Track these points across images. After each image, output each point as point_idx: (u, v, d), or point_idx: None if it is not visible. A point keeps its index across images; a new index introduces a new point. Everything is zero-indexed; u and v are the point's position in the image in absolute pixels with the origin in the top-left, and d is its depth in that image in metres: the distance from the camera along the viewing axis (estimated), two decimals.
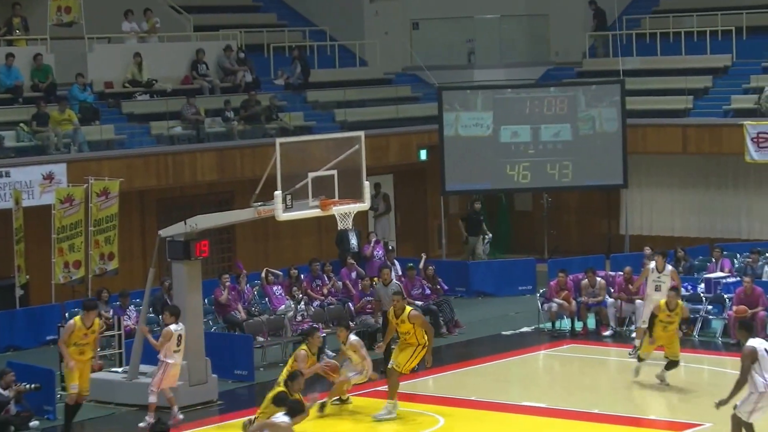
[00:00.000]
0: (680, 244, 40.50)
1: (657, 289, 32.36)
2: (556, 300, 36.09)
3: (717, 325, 35.25)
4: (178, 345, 27.08)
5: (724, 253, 38.05)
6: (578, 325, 35.84)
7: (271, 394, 24.28)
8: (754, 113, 42.99)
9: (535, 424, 27.76)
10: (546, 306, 36.47)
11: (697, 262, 38.60)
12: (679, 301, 30.26)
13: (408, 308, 28.64)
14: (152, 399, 26.72)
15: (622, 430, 27.16)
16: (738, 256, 38.73)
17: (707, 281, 36.04)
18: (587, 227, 45.32)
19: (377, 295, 34.05)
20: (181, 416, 27.07)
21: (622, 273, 36.43)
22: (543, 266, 40.58)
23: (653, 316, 29.85)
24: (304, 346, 28.00)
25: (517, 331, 36.19)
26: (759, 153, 41.70)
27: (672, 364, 29.84)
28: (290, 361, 27.55)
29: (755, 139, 41.77)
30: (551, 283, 36.90)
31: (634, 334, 32.82)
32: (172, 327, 27.14)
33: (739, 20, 46.86)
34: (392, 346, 28.82)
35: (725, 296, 35.03)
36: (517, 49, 49.36)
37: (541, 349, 34.81)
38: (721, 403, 22.45)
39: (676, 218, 44.56)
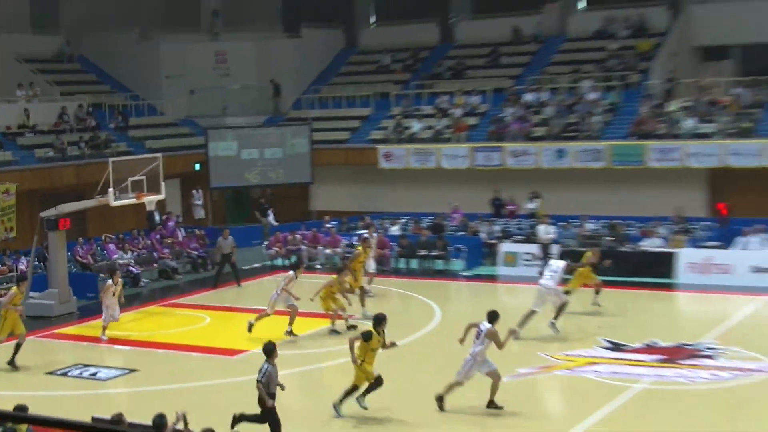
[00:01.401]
0: (345, 216, 40.80)
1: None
2: (274, 248, 36.92)
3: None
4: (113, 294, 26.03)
5: (370, 220, 38.55)
6: (286, 262, 36.20)
7: None
8: (383, 141, 43.29)
9: (266, 320, 26.46)
10: (268, 251, 37.20)
11: (354, 225, 39.22)
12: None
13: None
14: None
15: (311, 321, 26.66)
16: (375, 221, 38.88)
17: (360, 236, 36.99)
18: (293, 206, 44.90)
19: (218, 245, 33.34)
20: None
21: (309, 232, 37.15)
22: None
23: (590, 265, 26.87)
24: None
25: (251, 266, 36.33)
26: (387, 163, 42.30)
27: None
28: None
29: (384, 156, 42.53)
30: (271, 238, 37.65)
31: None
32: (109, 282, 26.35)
33: (376, 87, 47.22)
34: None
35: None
36: (252, 104, 48.64)
37: (266, 276, 34.69)
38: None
39: (344, 200, 44.37)
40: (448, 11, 50.83)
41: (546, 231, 33.23)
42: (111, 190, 28.81)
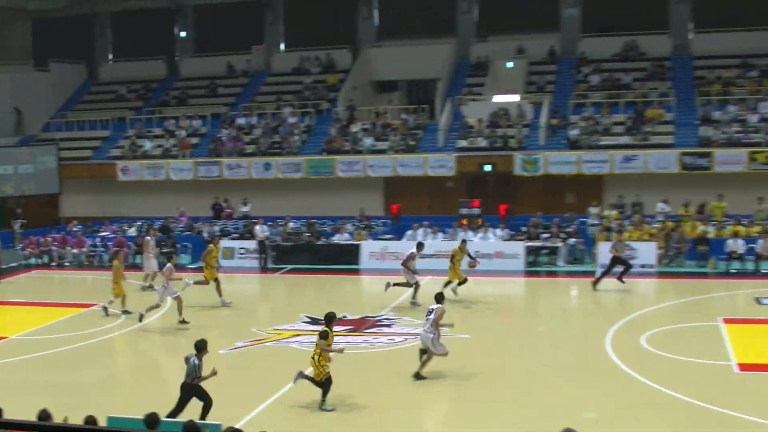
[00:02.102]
0: (90, 220, 39.78)
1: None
2: (28, 249, 36.09)
3: (106, 256, 34.37)
4: None
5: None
6: (40, 261, 35.39)
7: None
8: (121, 157, 42.16)
9: (26, 311, 25.92)
10: (23, 252, 35.92)
11: (97, 228, 38.27)
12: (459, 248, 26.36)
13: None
14: None
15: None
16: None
17: (115, 237, 36.42)
18: (44, 213, 43.09)
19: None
20: None
21: (59, 235, 36.13)
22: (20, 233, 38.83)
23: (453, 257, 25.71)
24: None
25: (8, 266, 34.19)
26: (124, 176, 41.62)
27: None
28: None
29: (122, 170, 41.68)
30: (25, 241, 36.72)
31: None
32: None
33: (114, 113, 46.26)
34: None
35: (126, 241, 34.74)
36: (6, 127, 46.26)
37: (21, 273, 33.40)
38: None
39: (88, 208, 43.06)
40: (173, 50, 51.64)
41: (262, 230, 33.47)
42: None
